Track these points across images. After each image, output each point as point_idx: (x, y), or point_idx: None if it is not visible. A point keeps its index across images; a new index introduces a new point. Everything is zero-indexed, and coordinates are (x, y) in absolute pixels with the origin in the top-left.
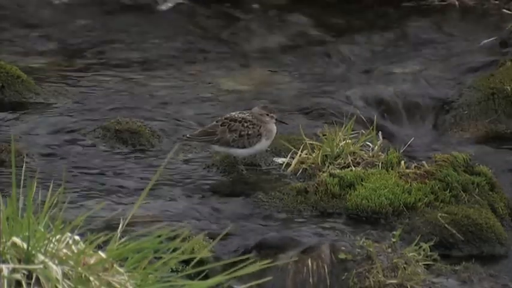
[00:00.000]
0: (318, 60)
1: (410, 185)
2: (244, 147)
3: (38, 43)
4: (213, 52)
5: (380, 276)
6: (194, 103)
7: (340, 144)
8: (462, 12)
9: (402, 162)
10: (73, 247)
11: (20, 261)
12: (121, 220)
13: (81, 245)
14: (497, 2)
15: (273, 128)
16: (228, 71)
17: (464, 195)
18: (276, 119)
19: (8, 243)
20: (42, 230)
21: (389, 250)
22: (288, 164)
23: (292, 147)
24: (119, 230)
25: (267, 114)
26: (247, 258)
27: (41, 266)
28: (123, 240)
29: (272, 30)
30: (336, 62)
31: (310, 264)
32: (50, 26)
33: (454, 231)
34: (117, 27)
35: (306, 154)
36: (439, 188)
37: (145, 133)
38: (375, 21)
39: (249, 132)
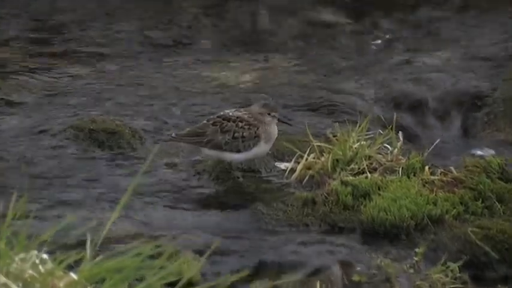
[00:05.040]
0: (328, 48)
1: (435, 195)
2: (239, 151)
3: None
4: (205, 40)
5: None
6: (183, 99)
7: (354, 147)
8: None
9: (426, 167)
10: (40, 267)
11: None
12: (95, 235)
13: (50, 265)
14: None
15: (274, 129)
16: (223, 62)
17: (499, 207)
18: (278, 119)
19: None
20: (4, 247)
21: (411, 271)
22: (292, 170)
23: (298, 150)
24: (90, 247)
25: (268, 114)
26: (244, 279)
27: None
28: (98, 259)
29: (273, 14)
30: (348, 51)
31: (318, 287)
32: (11, 11)
33: (488, 249)
34: (90, 11)
35: (314, 158)
36: (469, 197)
37: (125, 134)
38: (393, 4)
39: (244, 134)
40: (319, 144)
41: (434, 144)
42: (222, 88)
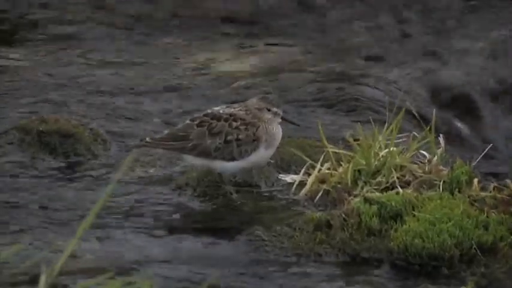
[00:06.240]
0: (347, 28)
1: (487, 216)
2: (233, 158)
3: None
4: (191, 18)
5: None
6: (159, 92)
7: (381, 154)
8: None
9: (475, 181)
10: None
11: None
12: (49, 269)
13: None
14: None
15: (278, 131)
16: (213, 45)
17: None
18: (281, 117)
19: None
20: None
21: None
22: (302, 184)
23: (308, 159)
24: (44, 283)
25: (268, 110)
26: None
27: None
28: None
29: None
30: (372, 31)
31: None
32: None
33: None
34: None
35: (329, 169)
36: None
37: (85, 137)
38: None
39: (240, 136)
40: (335, 150)
41: (486, 150)
42: (211, 79)
